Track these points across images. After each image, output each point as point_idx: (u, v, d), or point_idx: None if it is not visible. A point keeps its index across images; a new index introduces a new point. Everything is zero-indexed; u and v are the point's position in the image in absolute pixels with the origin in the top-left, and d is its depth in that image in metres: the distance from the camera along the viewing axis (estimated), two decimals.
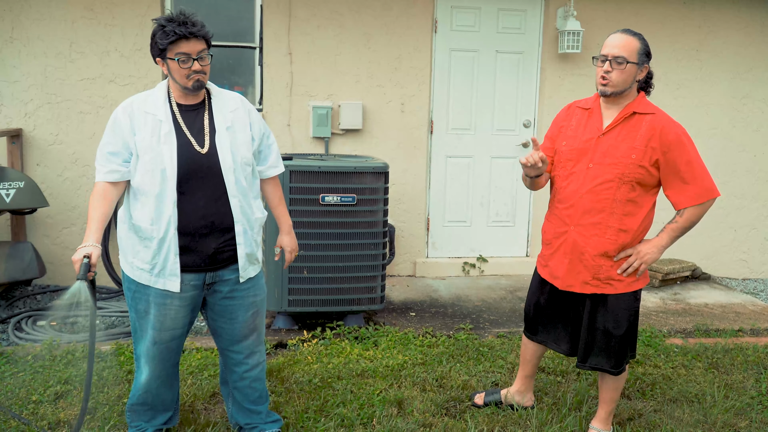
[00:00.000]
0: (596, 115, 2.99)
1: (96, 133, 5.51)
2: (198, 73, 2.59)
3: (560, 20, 6.06)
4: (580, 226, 2.97)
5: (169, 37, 2.52)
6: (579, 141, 2.99)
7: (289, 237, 3.11)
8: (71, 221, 5.58)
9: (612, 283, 3.00)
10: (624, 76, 2.85)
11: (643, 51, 2.88)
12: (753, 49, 6.43)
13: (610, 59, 2.85)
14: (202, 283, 2.73)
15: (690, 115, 6.38)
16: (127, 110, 2.63)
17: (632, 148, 2.85)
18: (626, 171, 2.85)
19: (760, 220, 6.67)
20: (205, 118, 2.70)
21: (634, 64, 2.85)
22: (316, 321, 4.80)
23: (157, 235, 2.61)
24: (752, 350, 4.51)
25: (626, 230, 2.93)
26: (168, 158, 2.58)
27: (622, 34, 2.89)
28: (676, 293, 5.90)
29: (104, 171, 2.62)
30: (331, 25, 5.76)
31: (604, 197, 2.90)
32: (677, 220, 2.94)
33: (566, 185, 3.02)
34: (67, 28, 5.40)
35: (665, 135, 2.83)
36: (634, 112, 2.90)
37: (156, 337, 2.73)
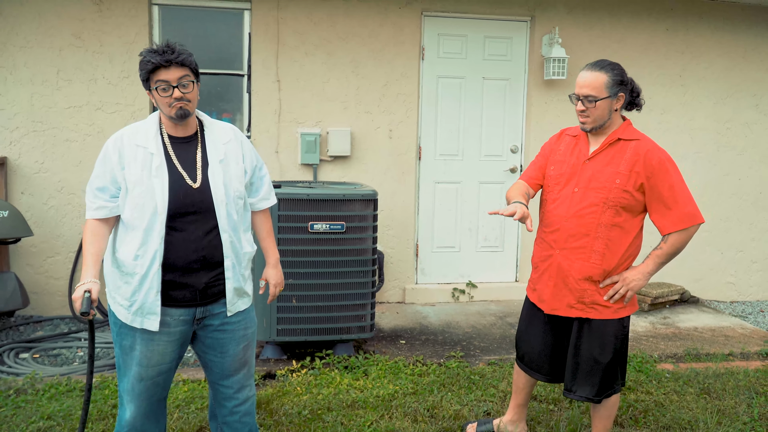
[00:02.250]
0: (583, 142, 3.04)
1: (82, 160, 5.47)
2: (180, 100, 2.53)
3: (545, 47, 6.12)
4: (565, 249, 2.98)
5: (147, 66, 2.50)
6: (566, 166, 3.03)
7: (275, 270, 3.05)
8: (56, 250, 5.51)
9: (597, 308, 2.99)
10: (598, 112, 2.89)
11: (614, 82, 2.88)
12: (735, 74, 6.52)
13: (582, 99, 2.90)
14: (192, 318, 2.68)
15: (675, 139, 6.44)
16: (117, 144, 2.58)
17: (617, 173, 2.88)
18: (611, 195, 2.87)
19: (746, 243, 6.71)
20: (198, 150, 2.66)
21: (606, 98, 2.87)
22: (306, 350, 4.75)
23: (140, 270, 2.55)
24: (743, 375, 4.51)
25: (611, 255, 2.93)
26: (159, 192, 2.53)
27: (589, 72, 2.90)
28: (666, 317, 5.91)
29: (93, 208, 2.58)
30: (320, 52, 5.78)
31: (589, 221, 2.91)
32: (662, 247, 2.94)
33: (553, 209, 3.04)
34: (54, 56, 5.38)
35: (649, 160, 2.85)
36: (619, 139, 2.93)
37: (142, 374, 2.66)
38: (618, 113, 2.97)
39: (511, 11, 6.10)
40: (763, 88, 6.57)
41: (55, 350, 4.82)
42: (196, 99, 2.62)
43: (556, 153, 3.13)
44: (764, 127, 6.62)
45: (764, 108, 6.60)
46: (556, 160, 3.10)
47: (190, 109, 2.60)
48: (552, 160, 3.13)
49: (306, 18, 5.73)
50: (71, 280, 5.49)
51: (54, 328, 5.31)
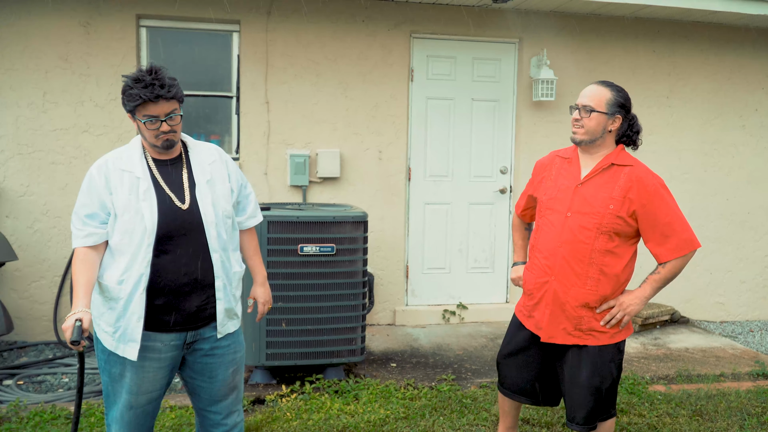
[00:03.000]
0: (575, 165, 3.00)
1: (68, 183, 5.42)
2: (167, 133, 2.52)
3: (534, 69, 6.15)
4: (561, 276, 2.93)
5: (136, 101, 2.45)
6: (558, 190, 2.99)
7: (263, 288, 3.03)
8: (41, 274, 5.43)
9: (594, 335, 2.94)
10: (591, 124, 2.88)
11: (615, 102, 2.89)
12: (721, 95, 6.58)
13: (580, 108, 2.91)
14: (183, 342, 2.63)
15: (662, 161, 6.47)
16: (102, 170, 2.54)
17: (610, 198, 2.84)
18: (604, 221, 2.83)
19: (735, 263, 6.73)
20: (184, 172, 2.64)
21: (602, 113, 2.87)
22: (295, 374, 4.69)
23: (123, 295, 2.50)
24: (735, 396, 4.49)
25: (606, 281, 2.89)
26: (148, 216, 2.50)
27: (595, 85, 2.94)
28: (657, 338, 5.90)
29: (81, 235, 2.52)
30: (308, 74, 5.78)
31: (583, 247, 2.87)
32: (659, 271, 2.90)
33: (546, 234, 3.00)
34: (40, 78, 5.34)
35: (643, 187, 2.83)
36: (612, 164, 2.90)
37: (132, 402, 2.60)
38: (612, 136, 2.94)
39: (499, 33, 6.13)
40: (749, 108, 6.63)
41: (39, 376, 4.73)
42: (180, 127, 2.59)
43: (547, 179, 3.09)
44: (751, 148, 6.67)
45: (751, 129, 6.65)
46: (548, 185, 3.06)
47: (176, 139, 2.58)
48: (544, 187, 3.09)
49: (295, 40, 5.73)
50: (56, 305, 5.41)
51: (39, 353, 5.22)
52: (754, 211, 6.72)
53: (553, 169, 3.10)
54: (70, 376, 4.75)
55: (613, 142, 2.97)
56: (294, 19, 5.72)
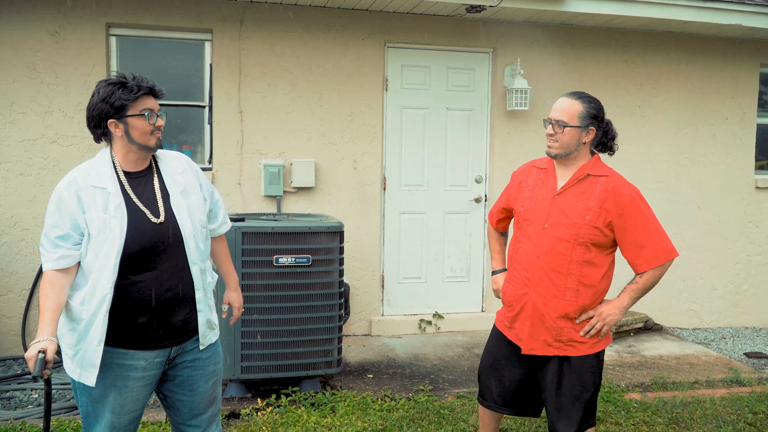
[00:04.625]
0: (551, 176, 3.00)
1: (36, 195, 5.31)
2: (159, 129, 2.52)
3: (508, 78, 6.17)
4: (540, 287, 2.92)
5: (135, 93, 2.43)
6: (535, 201, 2.99)
7: (237, 293, 3.03)
8: (8, 288, 5.31)
9: (575, 345, 2.93)
10: (566, 138, 2.87)
11: (587, 114, 2.88)
12: (693, 105, 6.66)
13: (553, 122, 2.90)
14: (166, 358, 2.57)
15: (635, 170, 6.53)
16: (72, 187, 2.43)
17: (587, 209, 2.84)
18: (581, 232, 2.83)
19: (707, 271, 6.81)
20: (155, 183, 2.57)
21: (576, 127, 2.86)
22: (271, 387, 4.63)
23: (85, 316, 2.40)
24: (710, 403, 4.52)
25: (585, 291, 2.88)
26: (117, 234, 2.40)
27: (566, 98, 2.92)
28: (631, 345, 5.93)
29: (53, 258, 2.39)
30: (282, 83, 5.74)
31: (561, 258, 2.86)
32: (638, 281, 2.89)
33: (524, 246, 2.99)
34: (7, 88, 5.23)
35: (619, 197, 2.83)
36: (588, 174, 2.90)
37: (114, 422, 2.52)
38: (587, 147, 2.94)
39: (473, 43, 6.15)
40: (719, 117, 6.73)
41: (8, 392, 4.61)
42: None
43: (524, 189, 3.08)
44: (721, 157, 6.76)
45: (721, 138, 6.75)
46: (525, 196, 3.05)
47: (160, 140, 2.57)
48: (521, 198, 3.08)
49: (268, 49, 5.69)
50: (24, 319, 5.29)
51: (7, 369, 5.09)
52: (725, 219, 6.81)
53: (529, 179, 3.09)
54: (39, 392, 4.63)
55: (589, 152, 2.97)
56: (267, 28, 5.68)
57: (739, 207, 6.84)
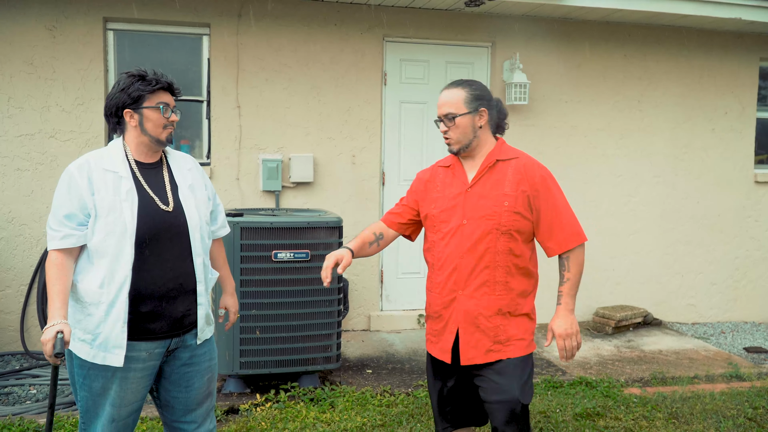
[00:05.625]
0: (459, 170, 2.81)
1: (34, 190, 5.29)
2: (172, 124, 2.58)
3: (507, 72, 6.16)
4: (469, 288, 2.71)
5: (153, 86, 2.51)
6: (447, 199, 2.78)
7: (233, 298, 3.04)
8: (6, 284, 5.29)
9: (514, 343, 2.71)
10: (460, 130, 2.70)
11: (473, 97, 2.71)
12: (691, 99, 6.65)
13: (442, 119, 2.73)
14: (165, 350, 2.57)
15: (634, 164, 6.52)
16: (83, 169, 2.47)
17: (503, 195, 2.68)
18: (502, 221, 2.66)
19: (705, 265, 6.80)
20: (165, 175, 2.62)
21: (466, 114, 2.69)
22: (270, 383, 4.62)
23: (105, 299, 2.43)
24: (709, 398, 4.52)
25: (515, 282, 2.71)
26: (129, 216, 2.44)
27: (446, 90, 2.76)
28: (630, 340, 5.92)
29: (58, 237, 2.43)
30: (280, 78, 5.72)
31: (486, 253, 2.68)
32: (568, 277, 2.72)
33: (444, 248, 2.76)
34: (4, 83, 5.21)
35: (531, 177, 2.69)
36: (497, 160, 2.74)
37: (115, 415, 2.52)
38: (486, 131, 2.77)
39: (472, 37, 6.13)
40: (718, 112, 6.72)
41: (6, 388, 4.60)
42: None
43: (432, 190, 2.85)
44: (720, 152, 6.75)
45: (720, 132, 6.74)
46: (435, 197, 2.82)
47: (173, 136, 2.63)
48: (430, 199, 2.84)
49: (266, 44, 5.67)
50: (23, 315, 5.27)
51: (5, 364, 5.07)
52: (723, 214, 6.80)
53: (437, 180, 2.87)
54: (38, 387, 4.62)
55: (491, 136, 2.80)
56: (265, 23, 5.66)
57: (738, 201, 6.83)
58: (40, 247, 5.32)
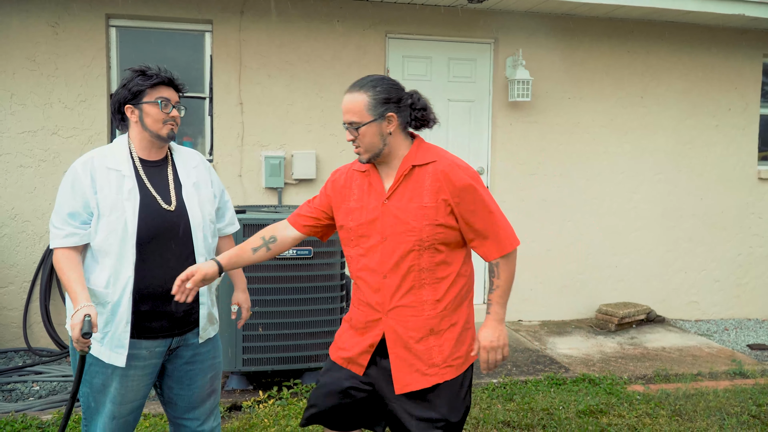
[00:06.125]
0: (374, 178, 2.51)
1: (37, 187, 5.29)
2: (173, 120, 2.54)
3: (510, 69, 6.14)
4: (394, 311, 2.45)
5: (152, 80, 2.48)
6: (365, 212, 2.49)
7: (245, 295, 3.02)
8: (9, 280, 5.29)
9: (453, 364, 2.46)
10: (366, 139, 2.40)
11: (377, 102, 2.39)
12: (694, 95, 6.63)
13: (348, 127, 2.44)
14: (167, 349, 2.57)
15: (636, 161, 6.51)
16: (87, 167, 2.47)
17: (422, 208, 2.39)
18: (424, 236, 2.38)
19: (708, 263, 6.79)
20: (169, 173, 2.60)
21: (371, 122, 2.38)
22: (272, 380, 4.62)
23: (111, 299, 2.44)
24: (713, 395, 4.51)
25: (446, 296, 2.45)
26: (130, 216, 2.44)
27: (348, 93, 2.44)
28: (633, 337, 5.92)
29: (62, 235, 2.43)
30: (283, 74, 5.71)
31: (409, 272, 2.42)
32: (498, 285, 2.47)
33: (364, 266, 2.50)
34: (7, 80, 5.21)
35: (452, 183, 2.39)
36: (413, 166, 2.44)
37: (115, 412, 2.53)
38: (398, 136, 2.45)
39: (474, 33, 6.12)
40: (722, 108, 6.70)
41: (9, 385, 4.60)
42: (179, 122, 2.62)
43: (348, 198, 2.55)
44: (724, 148, 6.74)
45: (724, 129, 6.72)
46: (351, 207, 2.52)
47: (176, 132, 2.58)
48: (346, 208, 2.54)
49: (268, 40, 5.66)
50: (26, 312, 5.27)
51: (8, 361, 5.08)
52: (727, 211, 6.79)
53: (353, 187, 2.56)
54: (40, 384, 4.63)
55: (405, 139, 2.49)
56: (267, 19, 5.65)
57: (741, 198, 6.82)
58: (42, 244, 5.32)
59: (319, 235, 2.69)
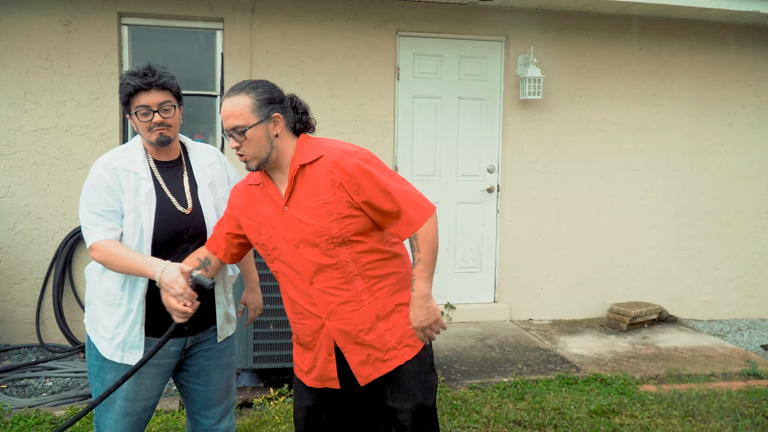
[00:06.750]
0: (269, 187, 2.40)
1: (50, 184, 5.32)
2: (160, 126, 2.42)
3: (521, 67, 6.12)
4: (333, 313, 2.37)
5: (127, 89, 2.39)
6: (270, 226, 2.39)
7: (255, 294, 2.98)
8: (23, 276, 5.33)
9: (409, 343, 2.40)
10: (254, 144, 2.29)
11: (261, 102, 2.30)
12: (708, 93, 6.57)
13: (231, 134, 2.30)
14: (182, 348, 2.58)
15: (650, 159, 6.47)
16: (108, 167, 2.45)
17: (322, 205, 2.29)
18: (334, 232, 2.29)
19: (722, 261, 6.73)
20: (185, 174, 2.58)
21: (258, 124, 2.28)
22: (283, 377, 4.62)
23: (126, 301, 2.44)
24: (727, 396, 4.47)
25: (381, 281, 2.38)
26: (146, 220, 2.43)
27: (228, 98, 2.31)
28: (645, 337, 5.88)
29: (103, 229, 2.39)
30: (293, 73, 5.71)
31: (333, 270, 2.33)
32: (419, 258, 2.33)
33: (290, 279, 2.41)
34: (21, 78, 5.24)
35: (343, 171, 2.28)
36: (301, 165, 2.33)
37: (128, 409, 2.53)
38: (285, 137, 2.36)
39: (485, 31, 6.10)
40: (736, 106, 6.64)
41: (22, 380, 4.64)
42: (177, 124, 2.51)
43: (253, 216, 2.44)
44: (738, 146, 6.68)
45: (738, 126, 6.66)
46: (258, 223, 2.42)
47: (171, 135, 2.49)
48: (253, 226, 2.43)
49: (279, 38, 5.66)
50: (38, 308, 5.31)
51: (21, 357, 5.12)
52: (741, 209, 6.73)
53: (255, 203, 2.45)
54: (53, 379, 4.66)
55: (291, 139, 2.39)
56: (278, 17, 5.65)
57: (755, 197, 6.75)
58: (56, 241, 5.35)
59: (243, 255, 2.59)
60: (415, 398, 2.38)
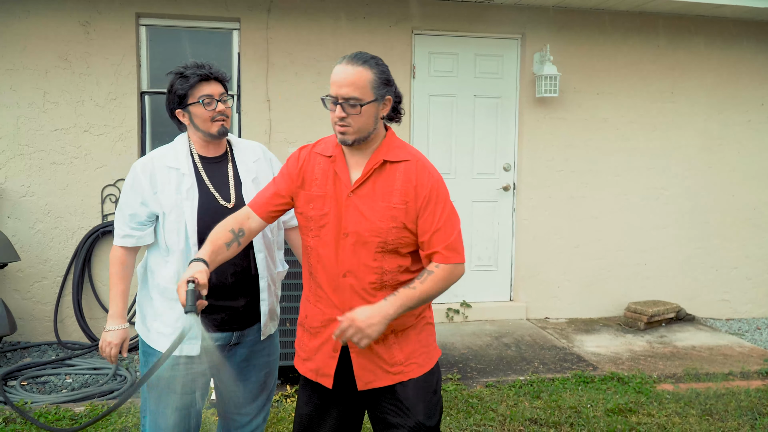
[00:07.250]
0: (341, 166, 2.28)
1: (69, 184, 5.38)
2: (222, 115, 2.52)
3: (537, 65, 6.10)
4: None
5: (191, 81, 2.47)
6: (328, 202, 2.27)
7: None
8: (43, 275, 5.39)
9: (415, 359, 2.33)
10: (363, 119, 2.17)
11: (381, 80, 2.19)
12: (725, 91, 6.52)
13: (341, 102, 2.16)
14: (228, 342, 2.59)
15: (666, 156, 6.43)
16: (147, 168, 2.50)
17: (390, 208, 2.21)
18: (388, 238, 2.21)
19: (741, 260, 6.68)
20: (230, 170, 2.61)
21: (373, 102, 2.17)
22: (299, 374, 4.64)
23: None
24: (744, 395, 4.45)
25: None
26: (189, 215, 2.47)
27: (348, 66, 2.16)
28: (663, 336, 5.85)
29: (120, 235, 2.55)
30: (309, 72, 5.73)
31: (371, 272, 2.25)
32: (415, 286, 2.20)
33: (324, 260, 2.30)
34: (40, 78, 5.30)
35: (422, 186, 2.22)
36: (384, 161, 2.25)
37: (177, 403, 2.54)
38: (381, 122, 2.28)
39: (501, 29, 6.09)
40: (754, 104, 6.58)
41: (43, 377, 4.70)
42: (231, 114, 2.59)
43: (311, 184, 2.31)
44: (756, 144, 6.62)
45: (755, 124, 6.60)
46: (314, 194, 2.29)
47: (228, 126, 2.58)
48: (307, 194, 2.31)
49: (295, 37, 5.69)
50: (57, 305, 5.37)
51: (41, 354, 5.18)
52: (759, 208, 6.68)
53: (316, 172, 2.32)
54: (73, 376, 4.72)
55: (383, 126, 2.32)
56: (294, 16, 5.68)
57: None
58: (75, 240, 5.41)
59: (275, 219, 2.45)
60: (415, 417, 2.29)
